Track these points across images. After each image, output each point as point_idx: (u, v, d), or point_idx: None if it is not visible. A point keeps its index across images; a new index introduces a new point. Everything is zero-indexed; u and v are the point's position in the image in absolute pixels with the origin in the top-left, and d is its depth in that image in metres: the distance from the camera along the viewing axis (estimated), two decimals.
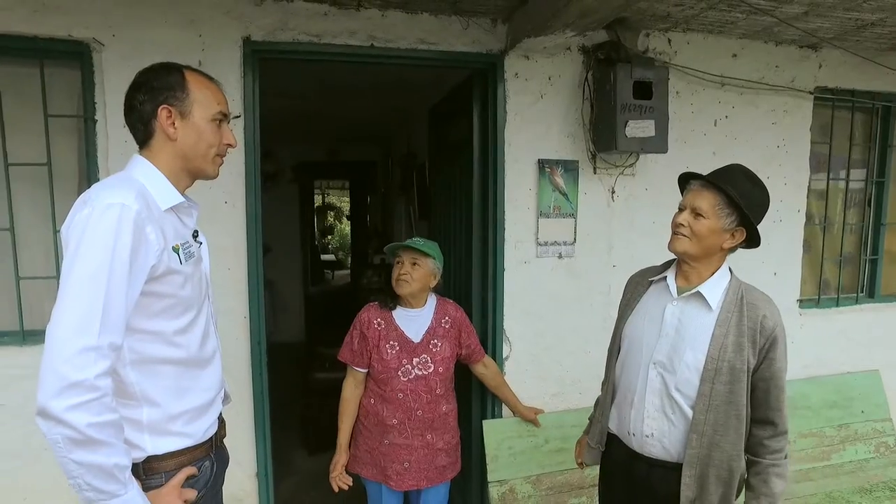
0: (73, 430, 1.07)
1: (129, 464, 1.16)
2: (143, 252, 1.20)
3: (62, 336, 1.09)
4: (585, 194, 2.58)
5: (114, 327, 1.13)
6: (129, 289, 1.16)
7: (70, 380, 1.07)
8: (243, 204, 2.25)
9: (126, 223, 1.16)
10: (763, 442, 1.57)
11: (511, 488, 2.40)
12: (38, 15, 2.04)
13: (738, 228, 1.55)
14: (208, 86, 1.37)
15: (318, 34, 2.25)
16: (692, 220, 1.55)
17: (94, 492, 1.13)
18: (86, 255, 1.14)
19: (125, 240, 1.16)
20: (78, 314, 1.10)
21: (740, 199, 1.51)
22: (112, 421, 1.12)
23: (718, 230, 1.53)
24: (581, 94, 2.51)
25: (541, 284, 2.57)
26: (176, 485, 1.30)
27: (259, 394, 2.32)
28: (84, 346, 1.09)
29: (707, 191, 1.56)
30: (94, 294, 1.12)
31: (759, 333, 1.52)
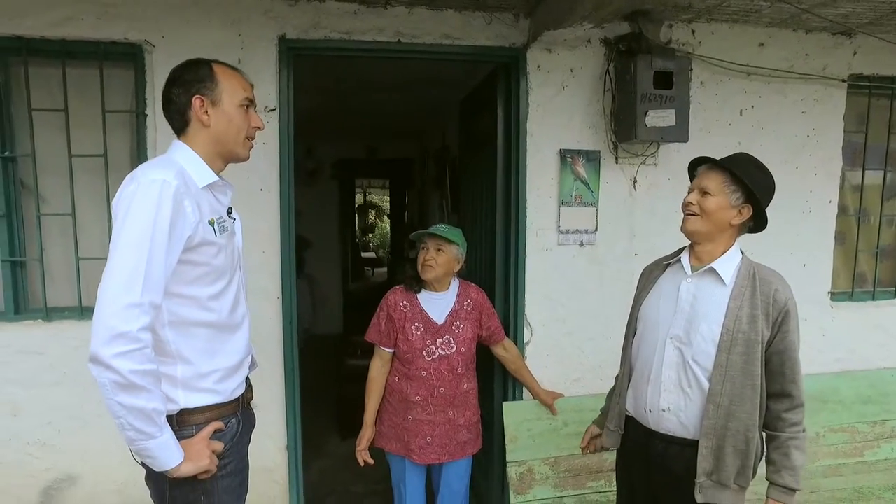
0: (118, 374, 1.22)
1: (163, 410, 1.31)
2: (181, 223, 1.34)
3: (111, 294, 1.25)
4: (607, 183, 2.62)
5: (154, 288, 1.28)
6: (168, 255, 1.31)
7: (117, 331, 1.22)
8: (277, 191, 2.40)
9: (166, 197, 1.31)
10: (781, 415, 1.60)
11: (529, 469, 2.46)
12: (101, 22, 2.25)
13: (745, 205, 1.62)
14: (234, 75, 1.52)
15: (348, 31, 2.38)
16: (700, 198, 1.64)
17: (135, 431, 1.28)
18: (132, 224, 1.30)
19: (165, 211, 1.30)
20: (124, 275, 1.26)
21: (744, 176, 1.59)
22: (151, 370, 1.27)
23: (726, 206, 1.61)
24: (602, 86, 2.56)
25: (562, 271, 2.62)
26: (205, 436, 1.44)
27: (290, 370, 2.47)
28: (129, 303, 1.24)
29: (713, 172, 1.65)
30: (138, 258, 1.27)
31: (771, 307, 1.58)
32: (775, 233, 2.76)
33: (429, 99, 4.28)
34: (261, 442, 2.47)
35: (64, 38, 2.24)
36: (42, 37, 2.24)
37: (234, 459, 1.53)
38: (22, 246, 2.37)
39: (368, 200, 12.37)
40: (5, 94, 2.30)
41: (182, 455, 1.36)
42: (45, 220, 2.35)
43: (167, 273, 1.33)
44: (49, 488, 2.41)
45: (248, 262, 2.37)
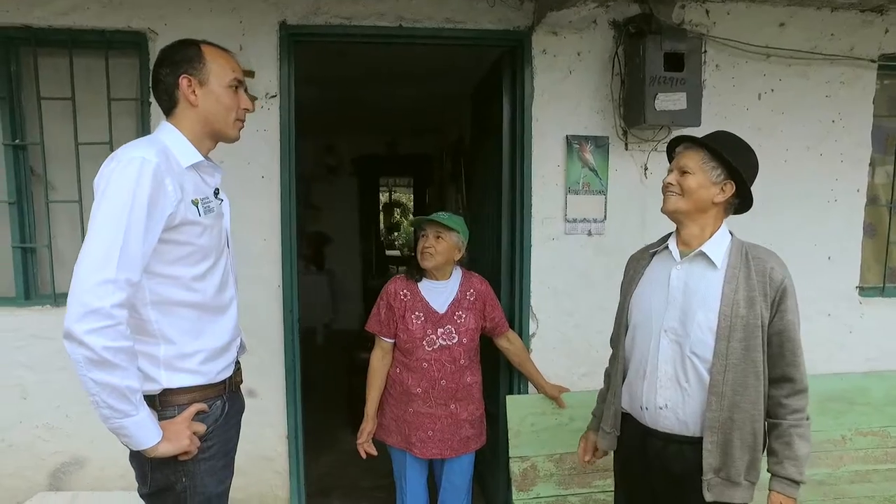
0: (90, 351, 1.21)
1: (139, 388, 1.29)
2: (162, 201, 1.33)
3: (85, 270, 1.24)
4: (616, 171, 2.53)
5: (131, 265, 1.27)
6: (146, 232, 1.29)
7: (90, 307, 1.21)
8: (278, 179, 2.39)
9: (146, 174, 1.30)
10: (781, 401, 1.51)
11: (533, 465, 2.39)
12: (106, 10, 2.29)
13: (727, 182, 1.54)
14: (223, 55, 1.50)
15: (349, 17, 2.36)
16: (680, 177, 1.57)
17: (109, 409, 1.27)
18: (109, 201, 1.29)
19: (144, 189, 1.29)
20: (100, 252, 1.25)
21: (723, 150, 1.52)
22: (125, 347, 1.26)
23: (707, 183, 1.54)
24: (611, 70, 2.47)
25: (569, 262, 2.54)
26: (187, 417, 1.42)
27: (290, 359, 2.45)
28: (103, 279, 1.23)
29: (691, 150, 1.59)
30: (114, 235, 1.26)
31: (768, 286, 1.50)
32: (798, 224, 2.64)
33: (443, 91, 4.24)
34: (261, 431, 2.48)
35: (70, 28, 2.29)
36: (50, 26, 2.28)
37: (217, 442, 1.51)
38: (32, 232, 2.43)
39: (394, 199, 12.40)
40: (16, 84, 2.35)
41: (160, 435, 1.34)
42: (54, 207, 2.40)
43: (146, 251, 1.31)
44: (57, 471, 2.45)
45: (248, 250, 2.39)
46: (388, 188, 11.80)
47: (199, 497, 1.46)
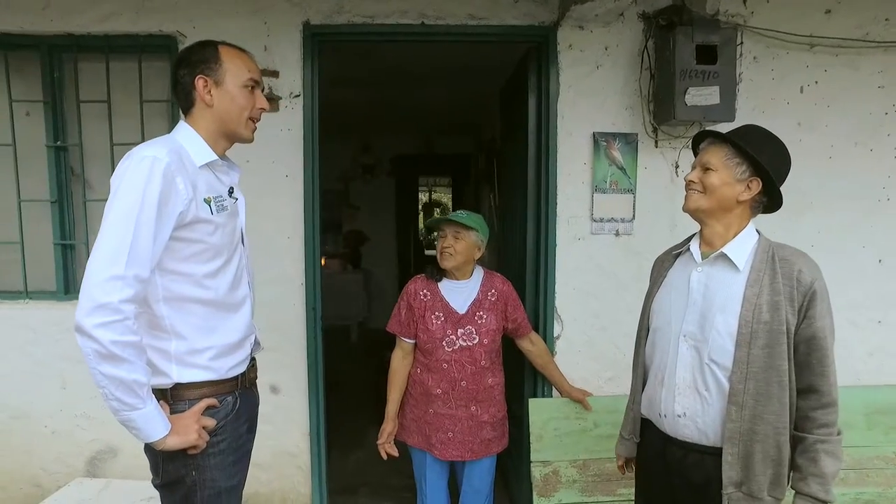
0: (99, 344, 1.24)
1: (146, 382, 1.32)
2: (173, 199, 1.35)
3: (96, 266, 1.27)
4: (646, 169, 2.44)
5: (140, 261, 1.29)
6: (157, 229, 1.32)
7: (99, 301, 1.24)
8: (301, 178, 2.42)
9: (156, 173, 1.32)
10: (808, 414, 1.41)
11: (555, 470, 2.33)
12: (138, 16, 2.37)
13: (753, 179, 1.46)
14: (240, 56, 1.52)
15: (371, 15, 2.36)
16: (702, 175, 1.50)
17: (118, 402, 1.30)
18: (121, 199, 1.32)
19: (154, 187, 1.31)
20: (110, 248, 1.28)
21: (748, 146, 1.43)
22: (132, 342, 1.28)
23: (731, 181, 1.46)
24: (640, 64, 2.38)
25: (596, 262, 2.47)
26: (196, 411, 1.44)
27: (313, 356, 2.47)
28: (112, 275, 1.26)
29: (715, 146, 1.51)
30: (124, 232, 1.29)
31: (795, 290, 1.40)
32: (845, 224, 2.48)
33: (476, 90, 4.21)
34: (284, 427, 2.52)
35: (107, 34, 2.38)
36: (88, 33, 2.38)
37: (227, 438, 1.52)
38: (71, 230, 2.54)
39: (434, 199, 12.43)
40: (59, 89, 2.46)
41: (167, 428, 1.37)
42: (91, 205, 2.50)
43: (157, 248, 1.34)
44: (94, 458, 2.56)
45: (272, 248, 2.42)
46: (427, 188, 11.83)
47: (208, 491, 1.48)
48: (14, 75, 2.45)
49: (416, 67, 3.67)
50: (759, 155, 1.43)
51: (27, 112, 2.48)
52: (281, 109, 2.39)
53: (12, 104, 2.44)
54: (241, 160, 2.36)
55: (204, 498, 1.48)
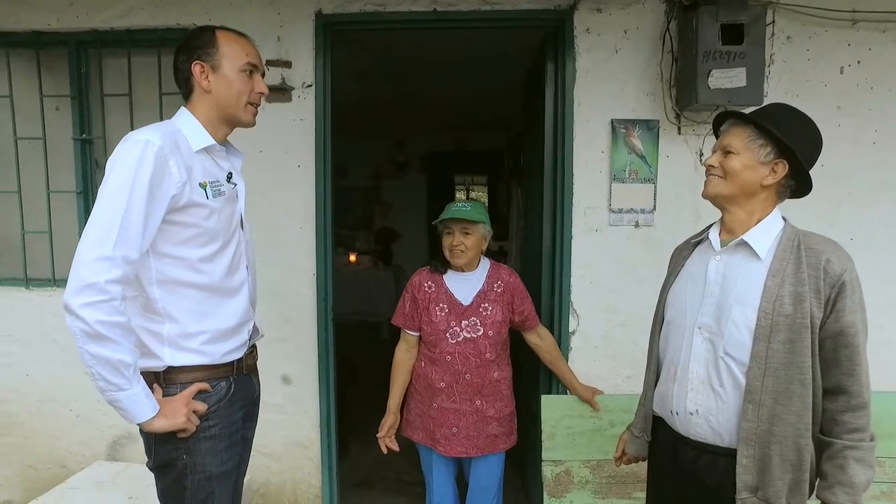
0: (85, 323, 1.26)
1: (132, 363, 1.32)
2: (166, 182, 1.35)
3: (85, 246, 1.28)
4: (668, 157, 2.32)
5: (129, 243, 1.30)
6: (148, 211, 1.32)
7: (86, 281, 1.25)
8: (313, 168, 2.41)
9: (148, 156, 1.33)
10: (836, 417, 1.30)
11: (567, 470, 2.24)
12: (157, 10, 2.42)
13: (779, 161, 1.34)
14: (237, 40, 1.51)
15: (383, 3, 2.33)
16: (723, 158, 1.39)
17: (104, 382, 1.31)
18: (112, 182, 1.33)
19: (146, 170, 1.32)
20: (99, 230, 1.29)
21: (773, 126, 1.32)
22: (118, 322, 1.29)
23: (753, 164, 1.35)
24: (661, 47, 2.27)
25: (614, 255, 2.37)
26: (187, 395, 1.44)
27: (323, 347, 2.47)
28: (100, 256, 1.27)
29: (736, 127, 1.40)
30: (114, 213, 1.29)
31: (822, 281, 1.28)
32: (888, 216, 2.29)
33: (503, 83, 4.13)
34: (296, 418, 2.52)
35: (129, 28, 2.44)
36: (111, 28, 2.45)
37: (220, 423, 1.51)
38: None
39: (472, 197, 12.39)
40: (85, 83, 2.54)
41: (155, 410, 1.37)
42: None
43: (148, 230, 1.34)
44: (115, 443, 2.63)
45: (285, 239, 2.42)
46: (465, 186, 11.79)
47: (199, 475, 1.47)
48: (45, 72, 2.54)
49: (441, 60, 3.63)
50: (784, 135, 1.32)
51: (56, 107, 2.57)
52: (293, 99, 2.39)
53: (43, 99, 2.53)
54: (255, 150, 2.41)
55: (194, 482, 1.48)
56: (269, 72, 2.36)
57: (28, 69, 2.54)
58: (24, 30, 2.48)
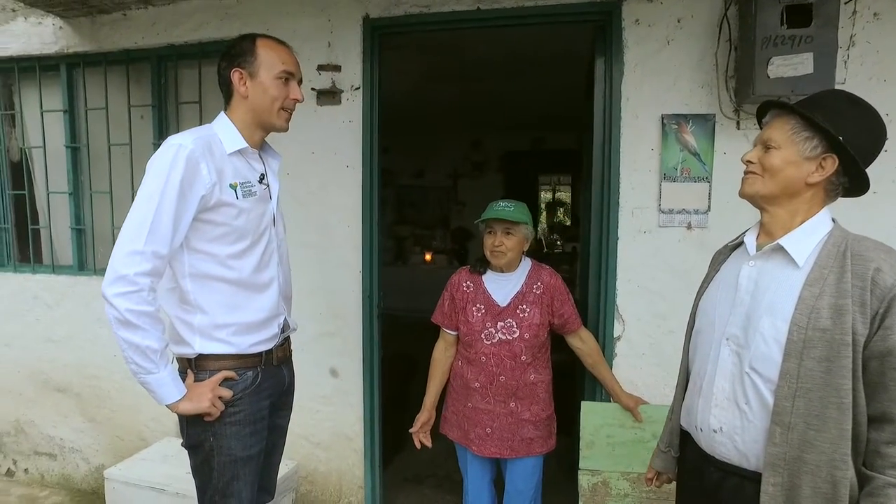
0: (117, 311, 1.40)
1: (159, 349, 1.44)
2: (197, 183, 1.47)
3: (120, 242, 1.43)
4: (725, 154, 2.15)
5: (159, 239, 1.42)
6: (178, 210, 1.44)
7: (119, 273, 1.40)
8: (360, 168, 2.49)
9: (180, 159, 1.45)
10: (879, 449, 1.14)
11: (605, 481, 2.15)
12: (223, 23, 2.61)
13: (827, 156, 1.20)
14: (275, 48, 1.60)
15: (427, 4, 2.36)
16: (762, 154, 1.27)
17: (135, 365, 1.44)
18: (148, 183, 1.46)
19: (177, 172, 1.44)
20: (133, 227, 1.43)
21: (820, 116, 1.18)
22: (146, 311, 1.42)
23: (797, 160, 1.22)
24: (718, 35, 2.10)
25: (664, 258, 2.23)
26: (213, 382, 1.55)
27: (368, 342, 2.53)
28: (132, 250, 1.41)
29: (779, 118, 1.26)
30: (146, 212, 1.43)
31: (869, 292, 1.13)
32: None
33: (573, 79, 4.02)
34: (342, 410, 2.62)
35: (200, 41, 2.65)
36: (185, 42, 2.67)
37: (245, 409, 1.60)
38: None
39: (558, 198, 12.11)
40: (164, 94, 2.79)
41: (181, 394, 1.50)
42: None
43: (179, 227, 1.46)
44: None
45: (334, 236, 2.52)
46: (551, 186, 11.56)
47: (224, 457, 1.58)
48: (132, 85, 2.82)
49: (509, 58, 3.60)
50: (834, 126, 1.18)
51: (141, 115, 2.84)
52: (343, 102, 2.48)
53: (130, 109, 2.82)
54: (307, 151, 2.52)
55: (221, 463, 1.58)
56: (319, 76, 2.48)
57: (120, 83, 2.83)
58: (119, 48, 2.77)
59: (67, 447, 3.07)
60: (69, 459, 3.08)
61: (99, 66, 2.83)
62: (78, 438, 3.04)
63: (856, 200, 1.32)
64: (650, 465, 1.62)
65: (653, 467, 1.60)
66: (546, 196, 10.57)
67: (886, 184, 2.00)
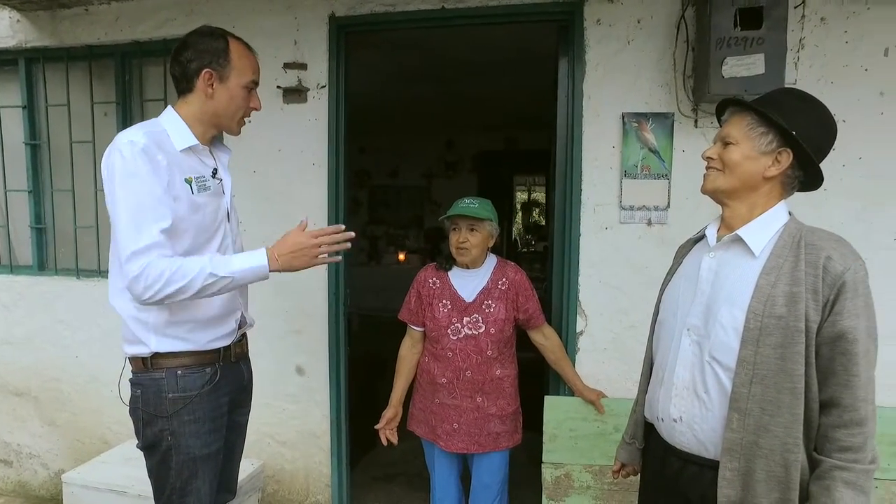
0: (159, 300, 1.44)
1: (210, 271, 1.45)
2: (159, 171, 1.45)
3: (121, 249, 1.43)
4: (683, 152, 2.20)
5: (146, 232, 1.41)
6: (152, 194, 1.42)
7: (131, 276, 1.41)
8: (326, 166, 2.48)
9: (136, 154, 1.43)
10: (828, 433, 1.18)
11: (567, 474, 2.18)
12: (189, 20, 2.59)
13: (782, 150, 1.25)
14: (247, 55, 1.58)
15: (393, 3, 2.37)
16: (721, 150, 1.31)
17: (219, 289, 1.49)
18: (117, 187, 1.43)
19: (139, 165, 1.42)
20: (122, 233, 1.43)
21: (773, 112, 1.23)
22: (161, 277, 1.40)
23: (754, 155, 1.26)
24: (676, 36, 2.16)
25: (625, 254, 2.28)
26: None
27: (335, 340, 2.53)
28: (132, 252, 1.41)
29: (736, 115, 1.31)
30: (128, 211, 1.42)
31: (821, 280, 1.17)
32: None
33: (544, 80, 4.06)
34: (309, 408, 2.61)
35: (164, 38, 2.62)
36: (150, 38, 2.64)
37: (204, 407, 1.58)
38: None
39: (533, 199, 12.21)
40: (127, 91, 2.76)
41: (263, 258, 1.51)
42: None
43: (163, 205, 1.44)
44: None
45: None
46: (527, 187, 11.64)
47: (182, 456, 1.55)
48: (95, 81, 2.78)
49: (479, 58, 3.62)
50: (787, 121, 1.22)
51: (105, 112, 2.80)
52: (309, 100, 2.48)
53: (93, 106, 2.77)
54: (273, 149, 2.51)
55: (179, 462, 1.56)
56: (285, 74, 2.47)
57: (82, 79, 2.78)
58: (81, 44, 2.73)
59: (25, 453, 3.00)
60: (26, 465, 3.01)
61: (60, 61, 2.78)
62: (36, 443, 2.97)
63: (808, 197, 1.38)
64: (616, 458, 1.65)
65: (618, 459, 1.63)
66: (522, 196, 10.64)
67: (836, 181, 2.07)
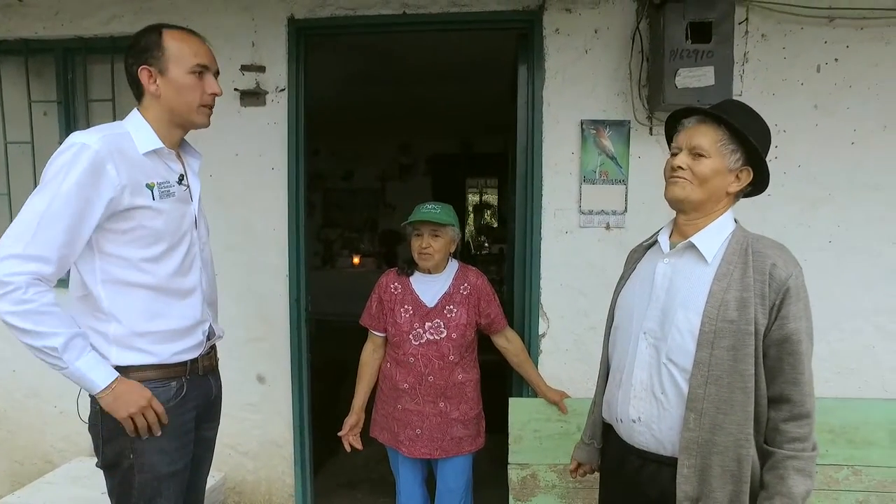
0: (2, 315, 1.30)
1: (59, 345, 1.32)
2: (103, 185, 1.35)
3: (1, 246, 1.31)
4: (639, 158, 2.29)
5: (45, 244, 1.31)
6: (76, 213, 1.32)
7: None
8: (286, 170, 2.44)
9: (80, 160, 1.33)
10: (779, 426, 1.26)
11: (533, 474, 2.22)
12: (137, 17, 2.48)
13: (744, 168, 1.31)
14: (185, 40, 1.48)
15: (354, 7, 2.36)
16: (692, 161, 1.32)
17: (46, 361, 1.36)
18: (41, 185, 1.34)
19: (74, 174, 1.32)
20: (15, 231, 1.31)
21: (746, 130, 1.27)
22: (29, 310, 1.29)
23: (723, 170, 1.30)
24: (631, 47, 2.24)
25: (585, 257, 2.34)
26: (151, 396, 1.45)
27: (296, 348, 2.49)
28: (9, 254, 1.29)
29: (705, 126, 1.32)
30: (33, 215, 1.31)
31: (767, 286, 1.25)
32: (869, 218, 2.24)
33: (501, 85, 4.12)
34: (270, 417, 2.55)
35: (111, 35, 2.50)
36: (95, 35, 2.52)
37: (169, 422, 1.50)
38: None
39: (485, 201, 12.35)
40: (71, 89, 2.62)
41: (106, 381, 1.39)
42: None
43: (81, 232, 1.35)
44: None
45: (259, 239, 2.46)
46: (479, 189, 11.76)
47: (146, 475, 1.47)
48: (33, 78, 2.62)
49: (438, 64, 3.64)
50: (757, 140, 1.28)
51: (44, 112, 2.65)
52: (267, 103, 2.43)
53: (31, 105, 2.62)
54: (231, 153, 2.45)
55: (142, 480, 1.47)
56: (243, 76, 2.42)
57: (17, 76, 2.62)
58: (14, 37, 2.57)
59: None
60: None
61: None
62: None
63: (754, 202, 1.46)
64: (573, 457, 1.69)
65: (575, 459, 1.67)
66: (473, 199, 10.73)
67: (778, 187, 2.19)
